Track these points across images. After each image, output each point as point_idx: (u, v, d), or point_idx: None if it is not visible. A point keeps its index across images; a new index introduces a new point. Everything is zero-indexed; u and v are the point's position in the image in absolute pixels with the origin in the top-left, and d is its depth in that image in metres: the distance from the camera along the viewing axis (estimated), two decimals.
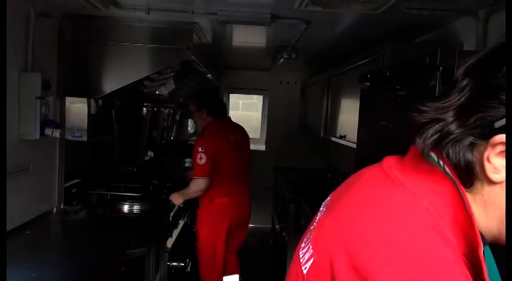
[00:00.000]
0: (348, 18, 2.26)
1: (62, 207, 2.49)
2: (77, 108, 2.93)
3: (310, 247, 0.62)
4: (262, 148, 5.33)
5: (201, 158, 2.78)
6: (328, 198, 0.75)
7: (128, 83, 2.51)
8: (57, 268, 1.70)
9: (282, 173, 4.77)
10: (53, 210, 2.44)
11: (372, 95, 1.72)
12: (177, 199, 2.85)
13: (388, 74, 1.41)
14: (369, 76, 1.64)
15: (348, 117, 2.91)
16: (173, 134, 5.38)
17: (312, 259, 0.60)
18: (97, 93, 2.47)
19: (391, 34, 2.53)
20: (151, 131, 4.41)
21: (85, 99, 3.00)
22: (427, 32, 2.48)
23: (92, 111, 3.16)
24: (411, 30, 2.42)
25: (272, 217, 5.18)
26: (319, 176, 4.83)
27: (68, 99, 2.55)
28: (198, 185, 2.83)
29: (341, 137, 2.96)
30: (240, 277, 3.83)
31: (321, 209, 0.73)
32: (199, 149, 2.80)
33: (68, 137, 2.66)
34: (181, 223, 3.14)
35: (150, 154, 4.57)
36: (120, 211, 2.63)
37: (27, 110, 2.01)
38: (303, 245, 0.67)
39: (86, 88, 2.48)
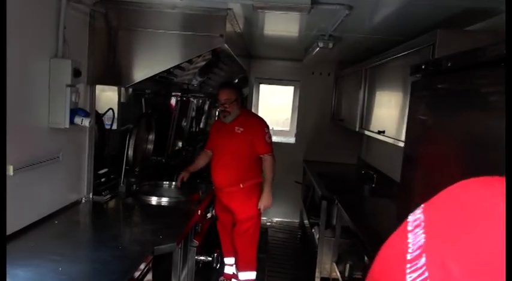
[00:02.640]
0: (394, 1, 2.08)
1: (91, 197, 2.46)
2: (107, 97, 2.89)
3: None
4: (292, 140, 5.19)
5: (270, 137, 2.98)
6: (422, 211, 0.59)
7: (159, 71, 2.43)
8: (84, 263, 1.65)
9: (312, 166, 4.63)
10: (81, 200, 2.41)
11: (426, 88, 1.55)
12: (269, 199, 2.98)
13: (449, 64, 1.24)
14: (423, 67, 1.47)
15: (389, 111, 2.73)
16: (202, 124, 5.31)
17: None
18: (127, 81, 2.41)
19: (439, 22, 2.32)
20: (180, 120, 4.35)
21: (115, 88, 2.95)
22: (479, 20, 2.26)
23: (122, 99, 3.11)
24: (464, 17, 2.21)
25: (300, 211, 5.06)
26: (351, 172, 4.65)
27: (98, 88, 2.51)
28: (273, 161, 2.96)
29: (379, 132, 2.78)
30: (266, 273, 3.74)
31: (415, 222, 0.59)
32: (267, 129, 2.97)
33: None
34: (209, 216, 3.08)
35: (179, 143, 4.52)
36: (149, 201, 2.57)
37: (57, 98, 1.96)
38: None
39: (117, 76, 2.41)
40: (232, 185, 2.94)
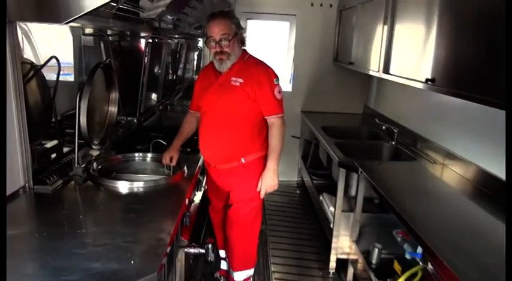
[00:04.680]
0: None
1: (30, 187, 1.73)
2: (61, 43, 2.06)
3: None
4: (288, 88, 4.43)
5: (279, 92, 2.18)
6: None
7: None
8: None
9: (313, 119, 3.96)
10: (17, 192, 1.68)
11: None
12: (273, 179, 2.21)
13: None
14: None
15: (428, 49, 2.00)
16: (179, 71, 4.47)
17: None
18: (65, 14, 1.56)
19: None
20: (153, 68, 3.51)
21: (67, 28, 2.10)
22: None
23: (84, 43, 2.28)
24: None
25: (299, 169, 4.46)
26: (360, 124, 4.00)
27: (47, 28, 1.73)
28: (283, 125, 2.20)
29: (428, 81, 2.04)
30: (269, 246, 3.17)
31: None
32: (276, 80, 2.17)
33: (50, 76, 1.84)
34: (197, 198, 2.40)
35: (153, 96, 3.71)
36: (115, 188, 1.86)
37: None
38: None
39: (48, 8, 1.56)
40: (229, 160, 2.21)
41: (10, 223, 1.37)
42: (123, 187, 1.86)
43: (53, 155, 2.04)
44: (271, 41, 4.55)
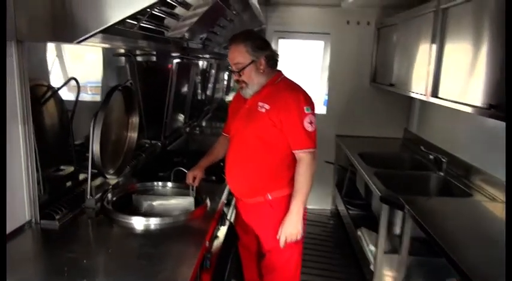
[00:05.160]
0: None
1: (37, 221, 1.56)
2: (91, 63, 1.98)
3: None
4: (322, 110, 4.18)
5: (311, 122, 1.84)
6: None
7: (133, 11, 1.41)
8: None
9: (348, 143, 3.68)
10: (23, 227, 1.51)
11: None
12: (296, 225, 1.88)
13: None
14: None
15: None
16: (208, 91, 4.33)
17: None
18: (78, 32, 1.41)
19: None
20: (180, 88, 3.36)
21: (99, 49, 2.01)
22: None
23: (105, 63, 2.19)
24: None
25: (333, 197, 4.16)
26: (400, 150, 3.68)
27: (74, 48, 1.70)
28: (314, 161, 1.87)
29: (491, 107, 1.75)
30: None
31: None
32: (307, 108, 1.84)
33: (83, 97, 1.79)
34: (222, 229, 2.17)
35: (179, 117, 3.56)
36: (129, 224, 1.66)
37: None
38: None
39: (59, 26, 1.41)
40: (254, 193, 1.96)
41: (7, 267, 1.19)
42: (138, 223, 1.66)
43: (69, 183, 1.88)
44: (304, 61, 4.34)
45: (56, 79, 1.74)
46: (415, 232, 2.08)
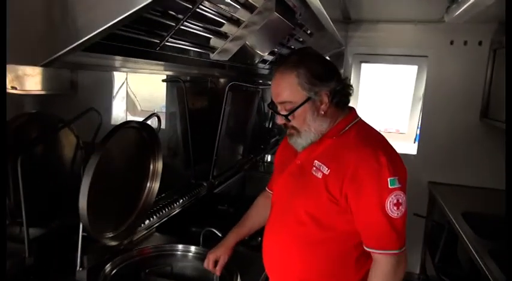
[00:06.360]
0: None
1: None
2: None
3: None
4: (412, 149, 3.41)
5: (397, 204, 1.14)
6: None
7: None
8: None
9: (446, 194, 2.91)
10: None
11: None
12: None
13: None
14: None
15: None
16: (270, 123, 3.82)
17: None
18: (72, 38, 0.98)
19: None
20: (237, 118, 2.87)
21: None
22: None
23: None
24: None
25: (422, 259, 3.33)
26: None
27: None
28: (400, 266, 1.18)
29: None
30: None
31: None
32: (391, 181, 1.13)
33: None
34: None
35: (237, 151, 3.08)
36: None
37: None
38: None
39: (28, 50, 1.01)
40: None
41: None
42: None
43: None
44: (392, 90, 3.62)
45: None
46: None
